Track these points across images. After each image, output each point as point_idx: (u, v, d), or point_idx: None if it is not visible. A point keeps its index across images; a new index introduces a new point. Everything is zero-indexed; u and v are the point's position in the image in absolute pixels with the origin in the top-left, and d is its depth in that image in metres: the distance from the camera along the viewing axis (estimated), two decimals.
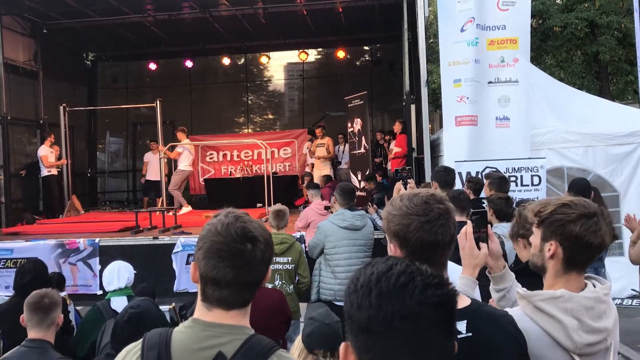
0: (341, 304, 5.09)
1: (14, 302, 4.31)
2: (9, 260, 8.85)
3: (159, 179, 12.28)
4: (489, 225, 2.06)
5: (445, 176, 4.91)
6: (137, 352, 1.53)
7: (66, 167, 12.69)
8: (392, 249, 1.71)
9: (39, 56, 13.52)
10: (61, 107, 12.74)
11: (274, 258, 5.18)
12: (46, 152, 12.19)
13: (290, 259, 5.28)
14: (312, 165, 13.19)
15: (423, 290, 1.06)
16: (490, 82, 7.98)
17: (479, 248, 1.97)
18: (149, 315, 3.24)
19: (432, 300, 1.06)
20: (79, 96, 15.48)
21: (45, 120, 13.40)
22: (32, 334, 3.05)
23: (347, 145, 13.33)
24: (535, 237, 1.90)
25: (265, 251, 1.54)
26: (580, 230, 1.79)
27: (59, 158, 12.55)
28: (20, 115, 12.69)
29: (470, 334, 1.62)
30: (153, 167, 13.18)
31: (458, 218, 2.06)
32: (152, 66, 16.21)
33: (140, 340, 1.56)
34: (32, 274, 4.28)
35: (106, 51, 16.33)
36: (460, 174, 6.98)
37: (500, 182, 5.01)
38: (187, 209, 11.71)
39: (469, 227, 1.97)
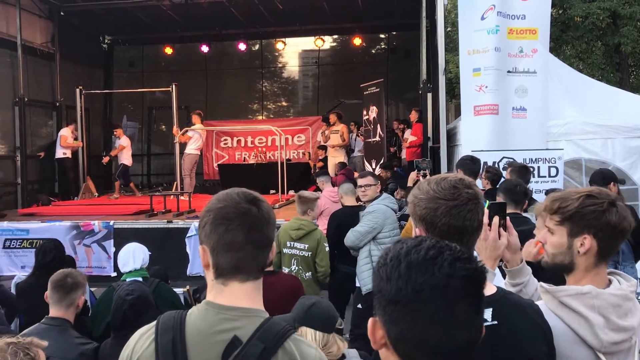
0: None
1: (32, 281, 4.37)
2: (25, 241, 8.96)
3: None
4: (508, 217, 1.99)
5: (472, 165, 4.86)
6: (150, 336, 1.51)
7: (81, 150, 12.78)
8: (417, 233, 1.68)
9: (56, 38, 13.58)
10: (77, 90, 12.79)
11: (292, 243, 5.17)
12: (66, 133, 12.37)
13: (307, 246, 5.23)
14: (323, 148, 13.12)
15: (452, 263, 1.07)
16: (509, 72, 7.89)
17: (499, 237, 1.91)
18: (145, 299, 3.26)
19: (461, 274, 1.06)
20: (96, 79, 15.56)
21: (62, 103, 13.48)
22: (52, 311, 3.08)
23: (357, 133, 13.29)
24: (558, 235, 1.83)
25: (270, 213, 1.56)
26: (615, 218, 1.74)
27: (75, 140, 12.66)
28: (37, 97, 12.79)
29: (496, 322, 1.59)
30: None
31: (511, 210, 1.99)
32: (168, 50, 16.21)
33: (154, 323, 1.54)
34: (53, 253, 4.33)
35: (123, 35, 16.35)
36: None
37: (521, 170, 4.95)
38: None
39: (495, 219, 1.91)
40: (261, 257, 1.53)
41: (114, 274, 8.34)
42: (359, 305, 5.34)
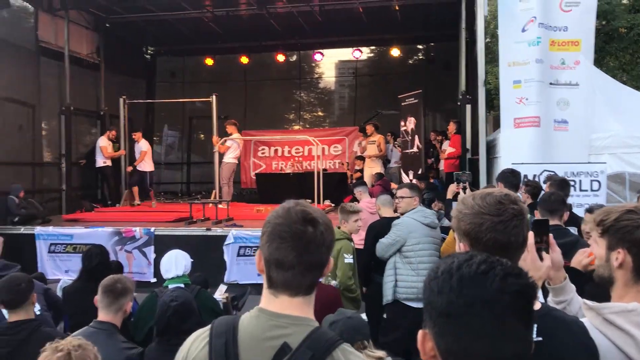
0: (421, 305, 5.05)
1: (79, 285, 4.51)
2: (68, 245, 9.21)
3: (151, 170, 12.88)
4: (550, 234, 1.97)
5: (512, 178, 4.81)
6: (204, 339, 1.57)
7: (124, 158, 13.07)
8: (461, 248, 1.70)
9: (102, 49, 13.98)
10: (121, 100, 13.11)
11: None
12: (105, 144, 12.61)
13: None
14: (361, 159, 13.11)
15: (503, 278, 1.08)
16: (551, 84, 7.80)
17: (541, 259, 1.88)
18: (189, 306, 3.34)
19: (512, 289, 1.07)
20: (138, 89, 15.95)
21: (106, 112, 13.85)
22: (101, 315, 3.18)
23: (394, 144, 13.28)
24: (600, 247, 1.83)
25: (326, 234, 1.56)
26: None
27: (117, 149, 12.96)
28: (82, 106, 13.17)
29: (540, 338, 1.59)
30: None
31: (552, 221, 1.99)
32: (209, 61, 16.51)
33: (208, 327, 1.60)
34: (99, 258, 4.46)
35: (165, 46, 16.73)
36: None
37: (560, 184, 4.89)
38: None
39: (531, 238, 1.85)
40: (310, 277, 1.56)
41: (153, 280, 8.50)
42: (384, 315, 5.36)
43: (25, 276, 3.57)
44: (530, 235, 1.86)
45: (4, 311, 3.53)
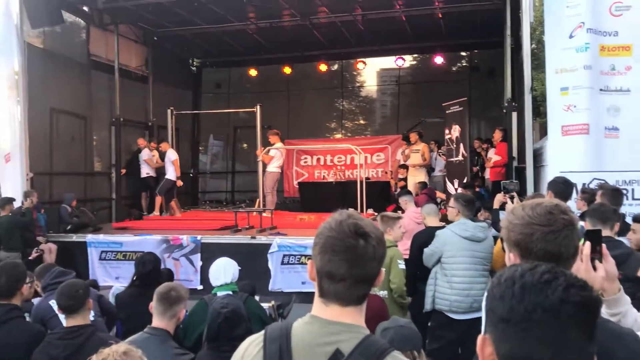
0: (455, 316, 5.04)
1: (132, 291, 4.65)
2: (119, 253, 9.49)
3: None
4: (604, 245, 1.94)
5: (564, 188, 4.71)
6: (259, 344, 1.61)
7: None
8: (511, 259, 1.70)
9: (150, 62, 14.39)
10: (169, 111, 13.46)
11: None
12: (149, 156, 12.86)
13: None
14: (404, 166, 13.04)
15: (566, 289, 1.09)
16: (601, 90, 7.61)
17: (594, 269, 1.85)
18: (239, 313, 3.40)
19: (575, 299, 1.08)
20: (185, 100, 16.32)
21: (154, 123, 14.22)
22: (155, 322, 3.27)
23: (438, 152, 13.17)
24: None
25: (377, 247, 1.58)
26: None
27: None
28: (131, 117, 13.57)
29: None
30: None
31: (603, 232, 1.96)
32: (253, 72, 16.78)
33: (262, 332, 1.64)
34: (152, 265, 4.60)
35: (210, 57, 17.09)
36: None
37: (613, 193, 4.78)
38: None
39: (586, 248, 1.86)
40: (361, 289, 1.58)
41: (200, 287, 8.67)
42: (430, 324, 5.34)
43: (82, 282, 3.71)
44: (587, 245, 1.86)
45: (62, 316, 3.67)
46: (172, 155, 12.52)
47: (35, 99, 10.43)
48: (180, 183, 12.76)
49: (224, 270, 4.36)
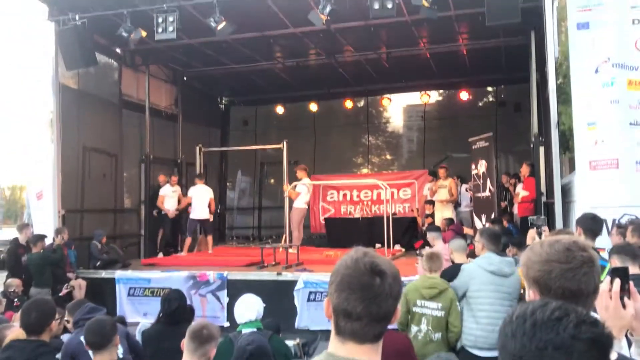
0: (480, 353, 4.93)
1: (158, 328, 4.69)
2: (147, 289, 9.57)
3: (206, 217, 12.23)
4: (631, 282, 1.90)
5: (593, 224, 4.64)
6: None
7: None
8: (531, 296, 1.69)
9: (179, 100, 14.74)
10: (197, 148, 13.69)
11: (423, 302, 5.13)
12: (165, 192, 12.39)
13: (440, 305, 5.14)
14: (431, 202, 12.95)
15: (577, 325, 1.09)
16: (631, 124, 7.52)
17: (623, 307, 1.79)
18: (264, 350, 3.40)
19: (586, 336, 1.08)
20: (213, 137, 16.61)
21: (183, 160, 14.48)
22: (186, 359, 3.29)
23: (463, 186, 13.10)
24: None
25: (394, 285, 1.58)
26: None
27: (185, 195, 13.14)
28: (160, 154, 13.84)
29: None
30: (200, 202, 12.24)
31: (631, 270, 1.92)
32: (280, 109, 17.05)
33: None
34: (177, 302, 4.64)
35: (238, 96, 17.42)
36: None
37: None
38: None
39: (615, 285, 1.80)
40: (378, 328, 1.59)
41: (226, 324, 8.64)
42: None
43: (109, 319, 3.76)
44: (617, 283, 1.82)
45: (90, 352, 3.72)
46: (194, 192, 12.24)
47: (68, 137, 10.73)
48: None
49: (249, 308, 4.38)
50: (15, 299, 7.84)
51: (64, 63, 10.26)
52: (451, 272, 5.80)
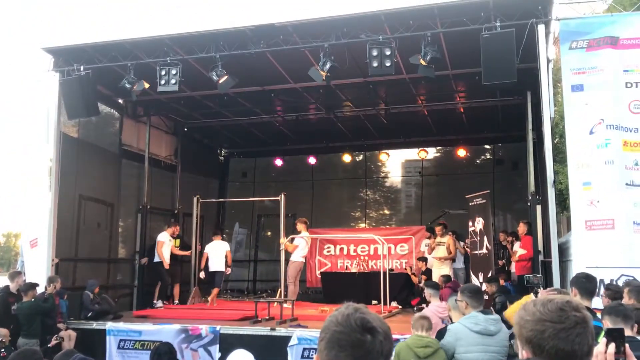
0: None
1: None
2: (137, 342, 9.36)
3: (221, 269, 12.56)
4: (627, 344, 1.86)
5: (587, 284, 4.60)
6: None
7: (194, 255, 13.31)
8: (524, 356, 1.66)
9: (179, 151, 14.84)
10: (195, 199, 13.66)
11: None
12: (164, 239, 12.42)
13: None
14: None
15: None
16: (627, 184, 7.57)
17: None
18: None
19: None
20: (211, 189, 16.63)
21: (180, 210, 14.44)
22: None
23: (464, 245, 13.04)
24: None
25: (385, 343, 1.55)
26: None
27: (186, 248, 13.21)
28: (158, 204, 13.81)
29: None
30: (216, 256, 12.70)
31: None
32: (278, 162, 17.16)
33: None
34: (167, 356, 4.54)
35: (237, 148, 17.57)
36: None
37: None
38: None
39: (610, 347, 1.77)
40: None
41: None
42: None
43: None
44: (611, 345, 1.78)
45: None
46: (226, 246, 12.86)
47: (65, 185, 10.70)
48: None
49: None
50: (2, 350, 7.66)
51: (66, 112, 10.37)
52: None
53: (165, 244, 12.43)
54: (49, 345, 8.50)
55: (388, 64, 8.71)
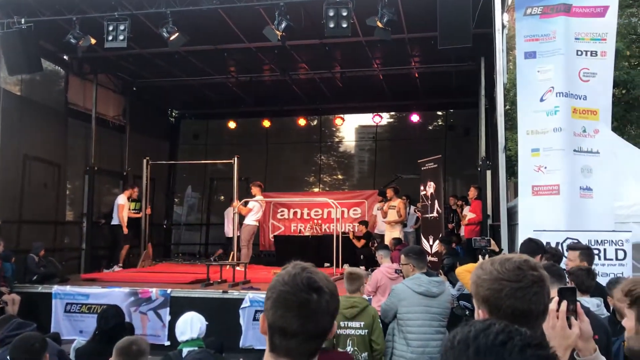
0: None
1: (92, 346, 4.45)
2: (83, 306, 9.16)
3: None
4: (578, 302, 1.89)
5: (532, 245, 4.70)
6: None
7: (144, 218, 13.10)
8: (480, 315, 1.65)
9: (127, 111, 14.39)
10: (144, 161, 13.33)
11: (346, 322, 5.04)
12: (123, 201, 12.47)
13: (362, 323, 5.07)
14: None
15: (522, 350, 1.04)
16: (575, 150, 7.76)
17: (569, 327, 1.79)
18: None
19: None
20: (162, 151, 16.25)
21: (129, 172, 14.08)
22: None
23: (411, 208, 13.27)
24: (629, 319, 1.76)
25: (331, 302, 1.54)
26: None
27: (138, 208, 13.03)
28: (106, 166, 13.43)
29: None
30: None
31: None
32: (232, 124, 16.86)
33: None
34: (115, 320, 4.42)
35: (189, 109, 17.18)
36: None
37: (583, 253, 4.78)
38: None
39: (562, 305, 1.80)
40: (314, 345, 1.54)
41: (167, 343, 8.37)
42: None
43: (39, 336, 3.54)
44: (564, 303, 1.81)
45: None
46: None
47: (8, 145, 10.28)
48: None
49: (191, 325, 4.23)
50: None
51: (7, 68, 9.87)
52: None
53: (125, 207, 12.25)
54: None
55: (344, 25, 8.58)
